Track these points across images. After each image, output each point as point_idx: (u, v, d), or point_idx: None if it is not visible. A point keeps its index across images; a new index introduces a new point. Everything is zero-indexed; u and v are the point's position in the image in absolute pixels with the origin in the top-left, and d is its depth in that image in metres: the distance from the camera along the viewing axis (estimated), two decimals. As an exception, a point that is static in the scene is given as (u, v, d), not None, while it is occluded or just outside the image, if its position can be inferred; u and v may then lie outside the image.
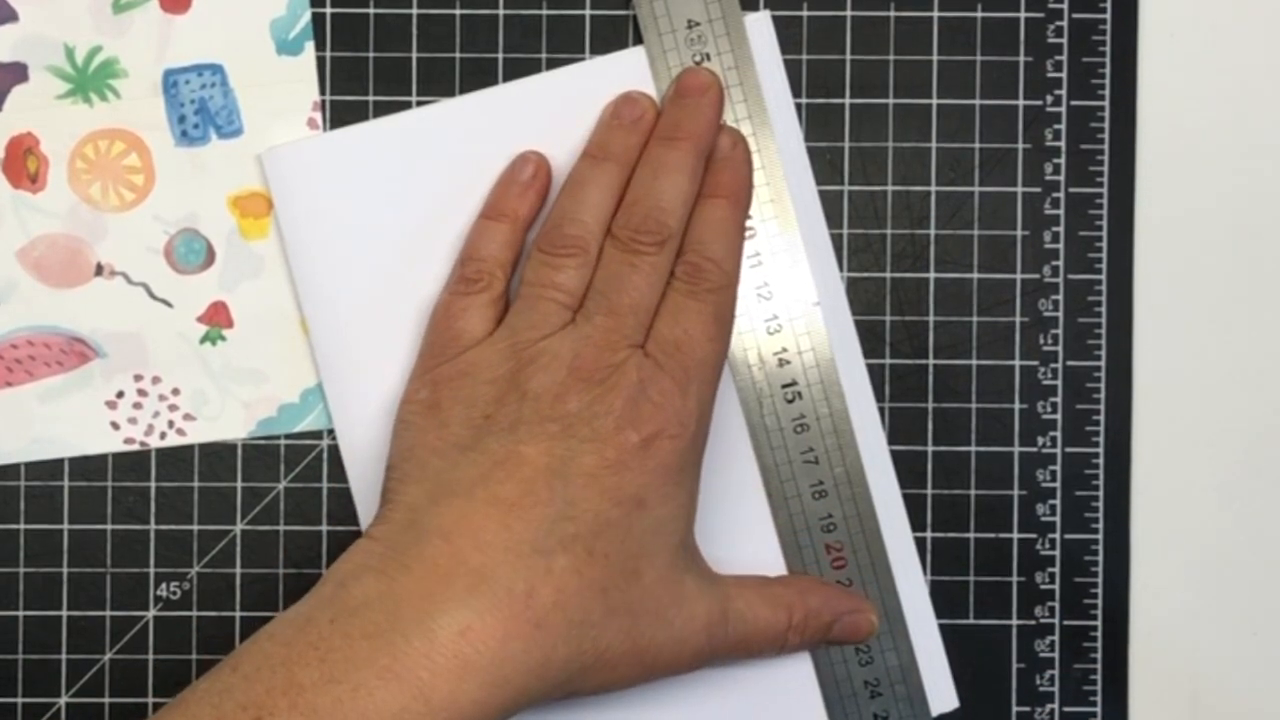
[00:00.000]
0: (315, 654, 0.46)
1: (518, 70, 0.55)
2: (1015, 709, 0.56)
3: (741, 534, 0.55)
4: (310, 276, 0.55)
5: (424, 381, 0.52)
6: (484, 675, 0.46)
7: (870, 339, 0.56)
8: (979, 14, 0.56)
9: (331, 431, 0.55)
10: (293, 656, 0.46)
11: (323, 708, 0.45)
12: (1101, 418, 0.56)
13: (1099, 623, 0.56)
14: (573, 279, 0.52)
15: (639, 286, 0.51)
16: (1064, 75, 0.56)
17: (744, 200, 0.53)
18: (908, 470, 0.56)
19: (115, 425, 0.55)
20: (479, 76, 0.55)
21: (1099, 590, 0.56)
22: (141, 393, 0.55)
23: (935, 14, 0.56)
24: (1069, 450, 0.56)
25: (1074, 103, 0.56)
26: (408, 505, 0.50)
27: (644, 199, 0.52)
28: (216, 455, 0.56)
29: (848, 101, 0.56)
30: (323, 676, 0.46)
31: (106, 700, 0.55)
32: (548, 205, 0.54)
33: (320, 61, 0.55)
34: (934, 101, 0.56)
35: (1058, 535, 0.56)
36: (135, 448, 0.55)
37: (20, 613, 0.55)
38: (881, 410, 0.56)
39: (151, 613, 0.55)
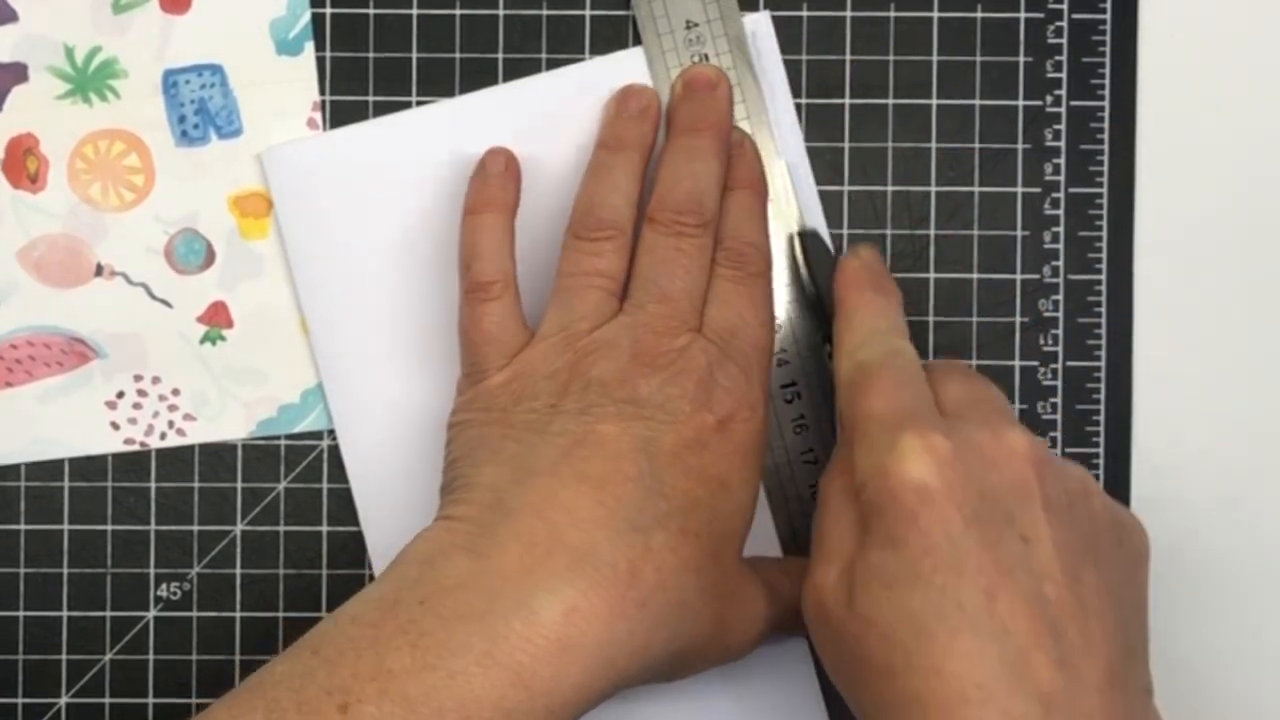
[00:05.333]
0: (406, 638, 0.44)
1: (518, 70, 0.55)
2: (1015, 709, 0.56)
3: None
4: (310, 276, 0.55)
5: (476, 392, 0.50)
6: (588, 658, 0.44)
7: (870, 339, 0.56)
8: (979, 14, 0.56)
9: (331, 432, 0.55)
10: (381, 639, 0.44)
11: (415, 695, 0.43)
12: (1101, 418, 0.56)
13: (1099, 623, 0.56)
14: (613, 263, 0.51)
15: (690, 270, 0.50)
16: (1064, 75, 0.56)
17: (763, 191, 0.53)
18: (908, 470, 0.56)
19: (115, 425, 0.55)
20: (479, 76, 0.55)
21: (1099, 590, 0.56)
22: (141, 393, 0.55)
23: (935, 14, 0.56)
24: (1069, 451, 0.56)
25: (1074, 103, 0.56)
26: (488, 485, 0.47)
27: (681, 182, 0.51)
28: (216, 455, 0.56)
29: (848, 101, 0.56)
30: (415, 663, 0.43)
31: (106, 700, 0.55)
32: (548, 201, 0.54)
33: (320, 61, 0.55)
34: (934, 101, 0.56)
35: (1058, 535, 0.56)
36: (135, 448, 0.55)
37: (20, 613, 0.55)
38: (881, 410, 0.56)
39: (151, 613, 0.55)
